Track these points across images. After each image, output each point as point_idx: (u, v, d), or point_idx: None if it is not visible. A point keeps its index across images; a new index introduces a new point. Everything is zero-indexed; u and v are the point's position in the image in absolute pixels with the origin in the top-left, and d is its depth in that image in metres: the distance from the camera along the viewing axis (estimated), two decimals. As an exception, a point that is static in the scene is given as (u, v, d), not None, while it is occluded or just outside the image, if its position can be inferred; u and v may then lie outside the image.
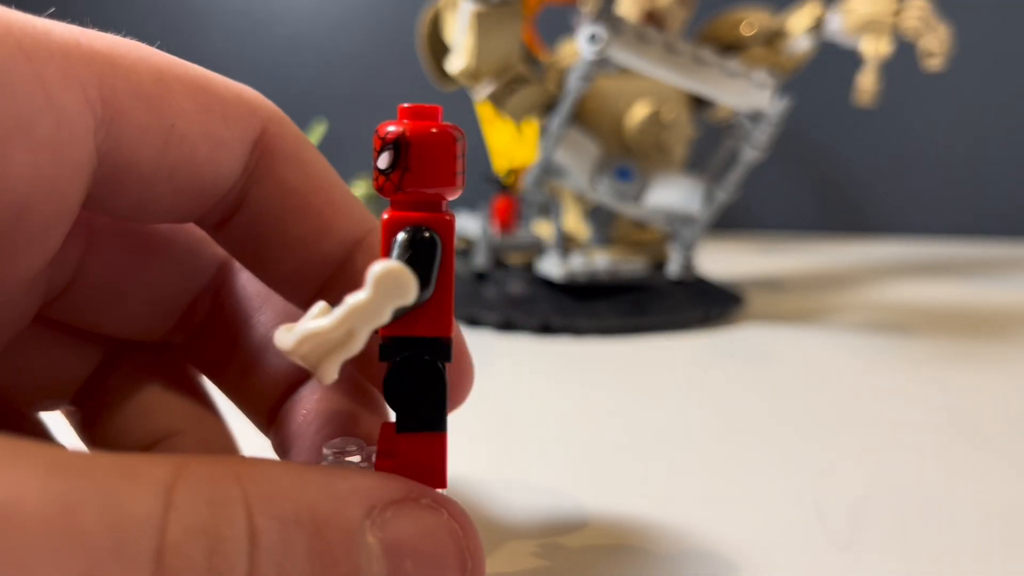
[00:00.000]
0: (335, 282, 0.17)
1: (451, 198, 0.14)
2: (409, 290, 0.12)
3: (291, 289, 0.18)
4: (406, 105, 0.14)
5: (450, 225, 0.14)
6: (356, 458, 0.15)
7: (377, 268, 0.12)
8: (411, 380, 0.14)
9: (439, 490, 0.14)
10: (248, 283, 0.19)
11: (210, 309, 0.19)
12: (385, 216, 0.14)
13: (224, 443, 0.20)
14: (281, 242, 0.17)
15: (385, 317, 0.12)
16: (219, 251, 0.19)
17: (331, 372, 0.12)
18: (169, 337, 0.19)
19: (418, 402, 0.14)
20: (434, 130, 0.14)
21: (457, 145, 0.14)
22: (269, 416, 0.19)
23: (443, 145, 0.14)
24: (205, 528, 0.10)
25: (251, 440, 0.20)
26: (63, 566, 0.09)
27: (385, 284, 0.12)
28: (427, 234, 0.14)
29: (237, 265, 0.19)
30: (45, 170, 0.13)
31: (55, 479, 0.10)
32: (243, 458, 0.12)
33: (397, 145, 0.14)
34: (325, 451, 0.15)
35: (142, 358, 0.20)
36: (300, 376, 0.19)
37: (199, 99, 0.15)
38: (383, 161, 0.14)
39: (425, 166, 0.14)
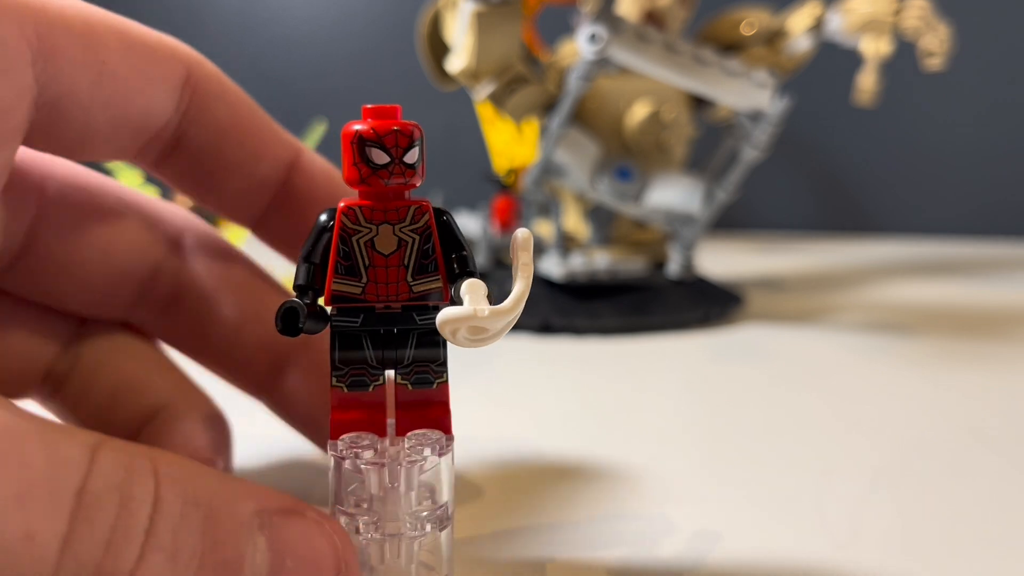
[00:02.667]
0: (279, 203, 0.20)
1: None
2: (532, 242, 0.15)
3: (237, 211, 0.20)
4: (370, 106, 0.16)
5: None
6: (369, 453, 0.16)
7: (520, 235, 0.15)
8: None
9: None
10: (212, 262, 0.20)
11: (174, 287, 0.20)
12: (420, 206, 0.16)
13: (213, 412, 0.21)
14: (221, 171, 0.19)
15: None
16: (171, 228, 0.20)
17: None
18: (133, 314, 0.20)
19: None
20: (412, 127, 0.15)
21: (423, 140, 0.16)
22: (260, 384, 0.20)
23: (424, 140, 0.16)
24: (120, 485, 0.12)
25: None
26: (2, 480, 0.11)
27: (529, 242, 0.15)
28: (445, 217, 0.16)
29: (197, 245, 0.20)
30: None
31: (5, 412, 0.12)
32: (154, 448, 0.13)
33: (413, 141, 0.15)
34: (339, 446, 0.16)
35: (114, 340, 0.20)
36: (284, 347, 0.20)
37: (124, 40, 0.17)
38: (412, 156, 0.15)
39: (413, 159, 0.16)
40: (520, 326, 0.43)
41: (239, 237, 0.43)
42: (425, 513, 0.16)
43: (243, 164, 0.19)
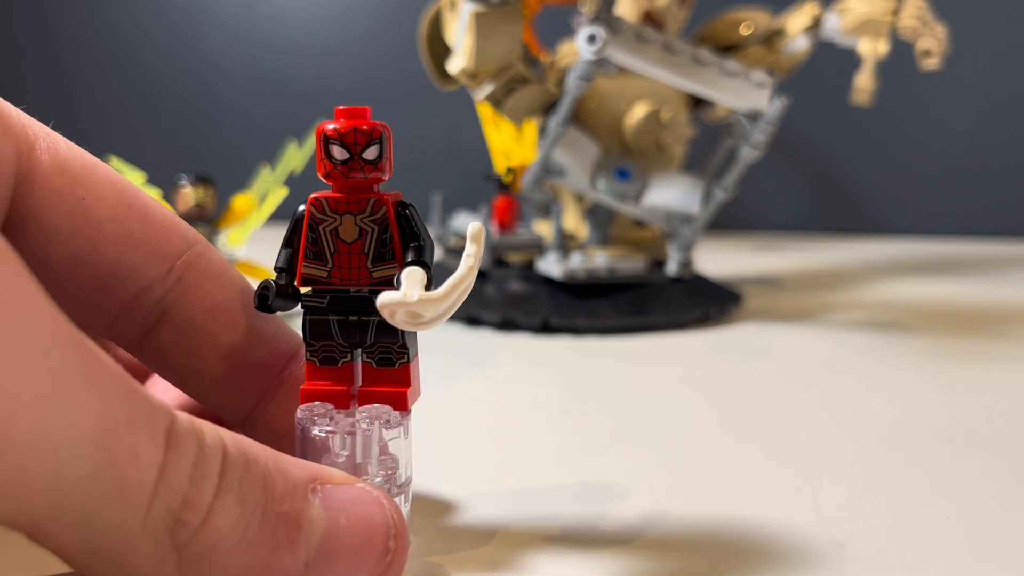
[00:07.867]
0: (273, 392, 0.19)
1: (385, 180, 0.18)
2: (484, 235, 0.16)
3: (225, 398, 0.19)
4: (342, 107, 0.17)
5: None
6: (324, 421, 0.17)
7: (471, 227, 0.16)
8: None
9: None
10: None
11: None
12: (387, 200, 0.17)
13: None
14: (211, 352, 0.18)
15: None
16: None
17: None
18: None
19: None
20: (374, 126, 0.17)
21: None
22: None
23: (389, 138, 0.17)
24: (195, 433, 0.14)
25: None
26: (118, 403, 0.12)
27: (479, 236, 0.16)
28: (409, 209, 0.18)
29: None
30: None
31: (97, 349, 0.13)
32: None
33: (372, 139, 0.17)
34: (299, 414, 0.18)
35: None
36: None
37: (122, 197, 0.17)
38: (371, 153, 0.17)
39: (388, 155, 0.17)
40: (520, 325, 0.43)
41: (240, 239, 0.43)
42: (378, 479, 0.17)
43: (236, 347, 0.18)
